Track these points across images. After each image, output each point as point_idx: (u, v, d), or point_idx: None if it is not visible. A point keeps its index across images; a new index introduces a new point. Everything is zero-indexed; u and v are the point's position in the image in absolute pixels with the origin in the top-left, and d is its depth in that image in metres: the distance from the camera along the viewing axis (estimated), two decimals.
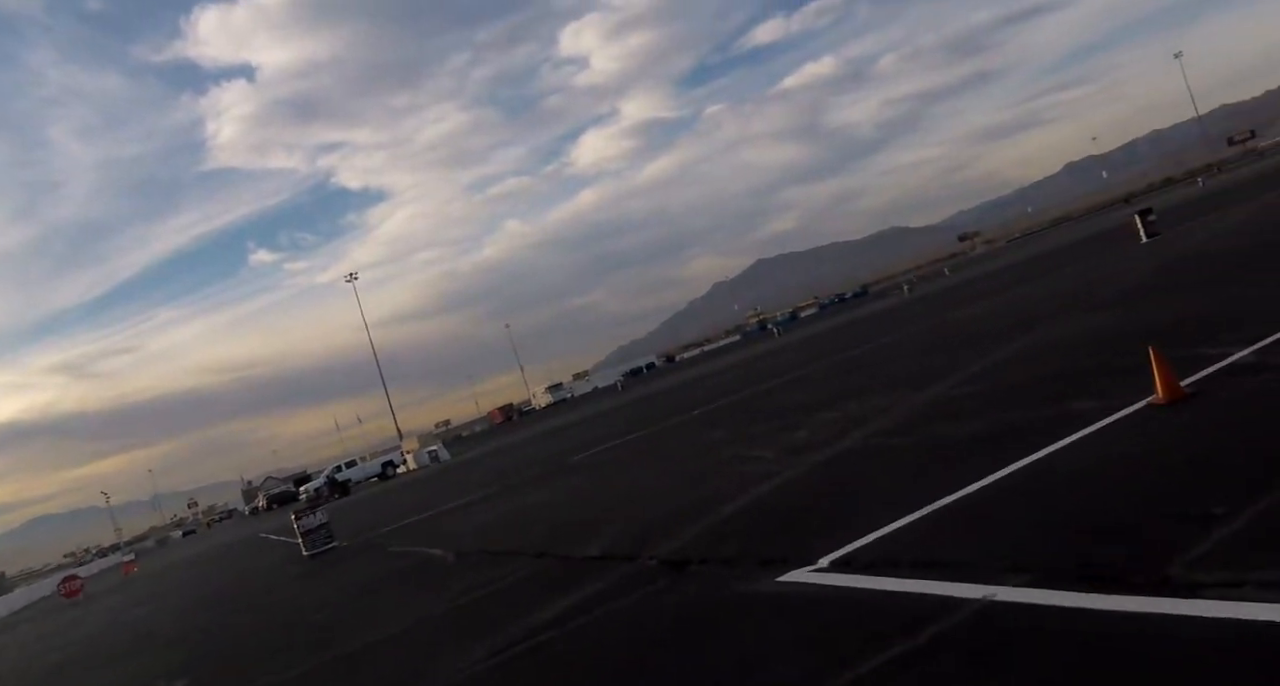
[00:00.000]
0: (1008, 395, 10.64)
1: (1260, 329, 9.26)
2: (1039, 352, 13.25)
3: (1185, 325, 11.39)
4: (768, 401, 20.28)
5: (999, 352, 14.45)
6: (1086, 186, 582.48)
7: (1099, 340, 12.45)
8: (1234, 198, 39.96)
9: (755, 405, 20.53)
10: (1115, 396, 8.38)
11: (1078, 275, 26.80)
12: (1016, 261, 58.50)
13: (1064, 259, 38.98)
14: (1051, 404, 9.11)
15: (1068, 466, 6.77)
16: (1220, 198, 45.12)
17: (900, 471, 8.46)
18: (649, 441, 20.55)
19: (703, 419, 21.64)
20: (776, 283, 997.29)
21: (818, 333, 56.45)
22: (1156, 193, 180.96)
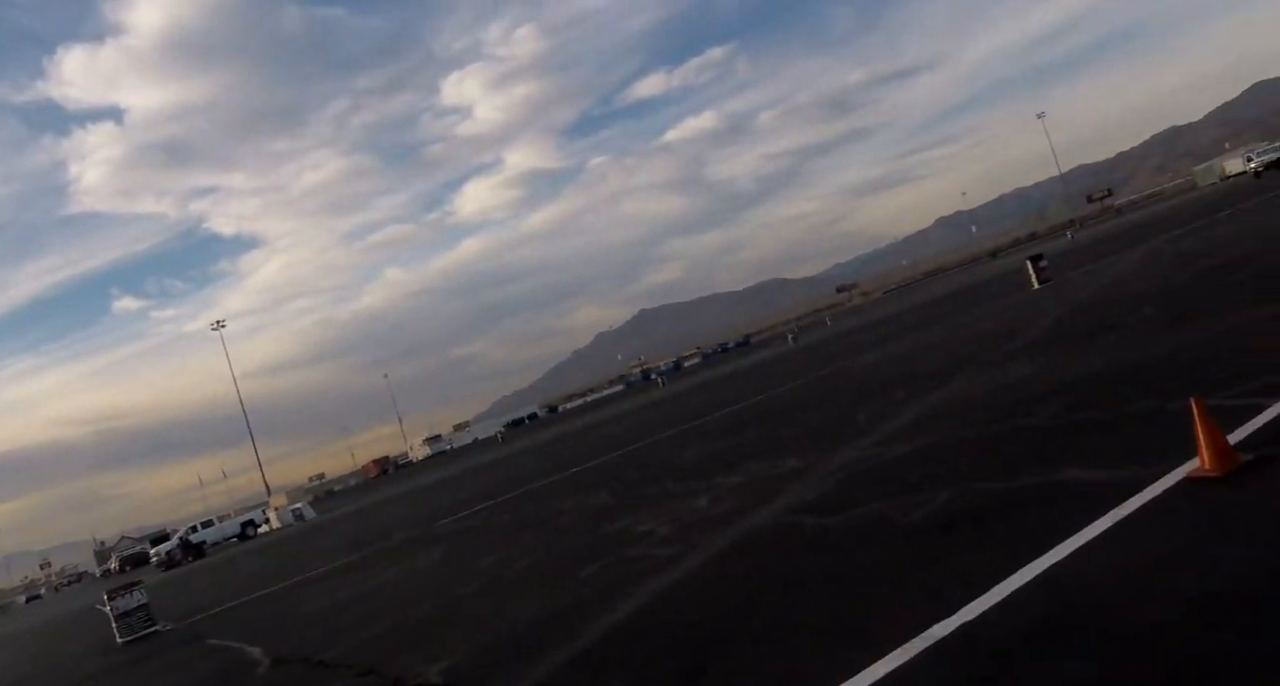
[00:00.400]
0: (962, 456, 8.65)
1: (1268, 376, 7.55)
2: (980, 401, 11.43)
3: (1152, 371, 9.73)
4: (658, 458, 18.10)
5: (925, 401, 12.65)
6: (957, 240, 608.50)
7: (1051, 389, 10.68)
8: (1109, 248, 40.23)
9: (644, 462, 18.32)
10: (1122, 460, 6.41)
11: (987, 317, 25.71)
12: (908, 307, 58.43)
13: (962, 303, 38.36)
14: (1031, 469, 7.11)
15: (1099, 586, 4.47)
16: (1092, 249, 45.63)
17: (841, 573, 6.28)
18: (525, 504, 18.08)
19: (585, 478, 19.33)
20: (660, 332, 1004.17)
21: (703, 381, 54.90)
22: (1023, 246, 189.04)
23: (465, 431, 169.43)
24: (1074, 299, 21.28)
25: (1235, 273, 15.37)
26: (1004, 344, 16.54)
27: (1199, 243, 25.71)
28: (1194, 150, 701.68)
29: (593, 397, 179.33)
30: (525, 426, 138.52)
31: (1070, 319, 17.50)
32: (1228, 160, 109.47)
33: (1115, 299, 18.34)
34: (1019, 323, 20.20)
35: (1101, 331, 13.96)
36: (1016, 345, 15.77)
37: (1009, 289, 34.36)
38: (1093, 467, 6.56)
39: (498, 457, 50.09)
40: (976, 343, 18.89)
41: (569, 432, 49.83)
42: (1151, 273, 21.47)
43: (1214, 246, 23.01)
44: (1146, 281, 19.71)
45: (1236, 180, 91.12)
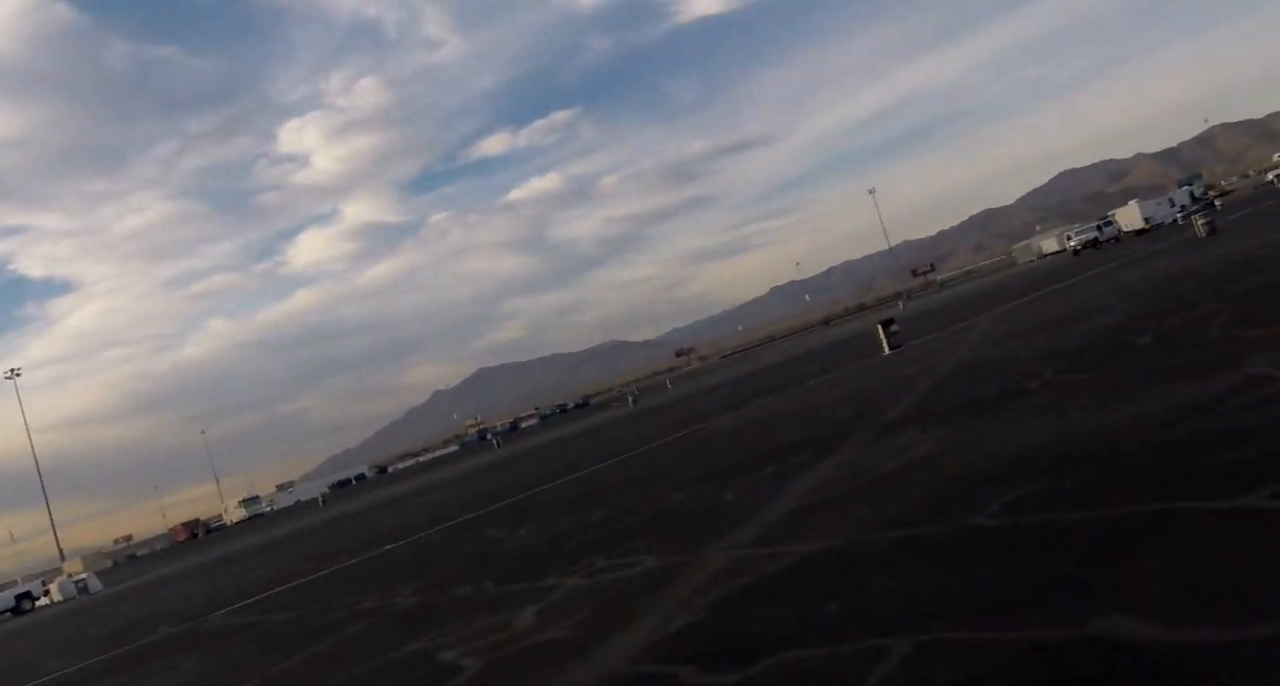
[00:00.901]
0: (885, 569, 6.35)
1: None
2: (889, 482, 9.26)
3: (1088, 448, 7.78)
4: (483, 539, 15.23)
5: (807, 481, 10.43)
6: (791, 308, 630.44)
7: (984, 471, 8.62)
8: (948, 318, 40.20)
9: (467, 544, 15.40)
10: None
11: (843, 382, 24.10)
12: (754, 370, 57.43)
13: (814, 368, 37.15)
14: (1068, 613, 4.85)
15: None
16: (928, 318, 45.83)
17: None
18: (319, 595, 14.78)
19: (396, 560, 16.25)
20: (498, 392, 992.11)
21: (542, 443, 52.01)
22: (854, 315, 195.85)
23: (289, 491, 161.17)
24: (933, 364, 19.87)
25: (1076, 339, 14.07)
26: (879, 411, 14.67)
27: (1036, 313, 25.17)
28: (1007, 231, 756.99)
29: (426, 458, 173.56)
30: (351, 488, 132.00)
31: (943, 385, 15.86)
32: (1043, 240, 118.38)
33: (979, 364, 16.93)
34: (884, 388, 18.54)
35: (1004, 399, 12.21)
36: (894, 414, 13.90)
37: (858, 354, 33.33)
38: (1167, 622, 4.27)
39: (314, 524, 45.51)
40: (845, 408, 17.01)
41: (394, 497, 45.84)
42: (1000, 341, 20.37)
43: (1048, 316, 22.30)
44: (1002, 349, 18.48)
45: (1053, 258, 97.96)
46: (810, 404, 20.53)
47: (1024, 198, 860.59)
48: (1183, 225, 62.25)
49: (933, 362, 20.49)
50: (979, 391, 13.43)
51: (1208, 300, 15.42)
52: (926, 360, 21.79)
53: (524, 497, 20.46)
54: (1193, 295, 17.26)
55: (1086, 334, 16.26)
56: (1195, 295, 17.09)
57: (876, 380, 21.26)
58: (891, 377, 20.36)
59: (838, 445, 12.46)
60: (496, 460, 50.94)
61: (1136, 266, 32.68)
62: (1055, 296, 30.78)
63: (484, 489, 28.78)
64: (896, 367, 22.65)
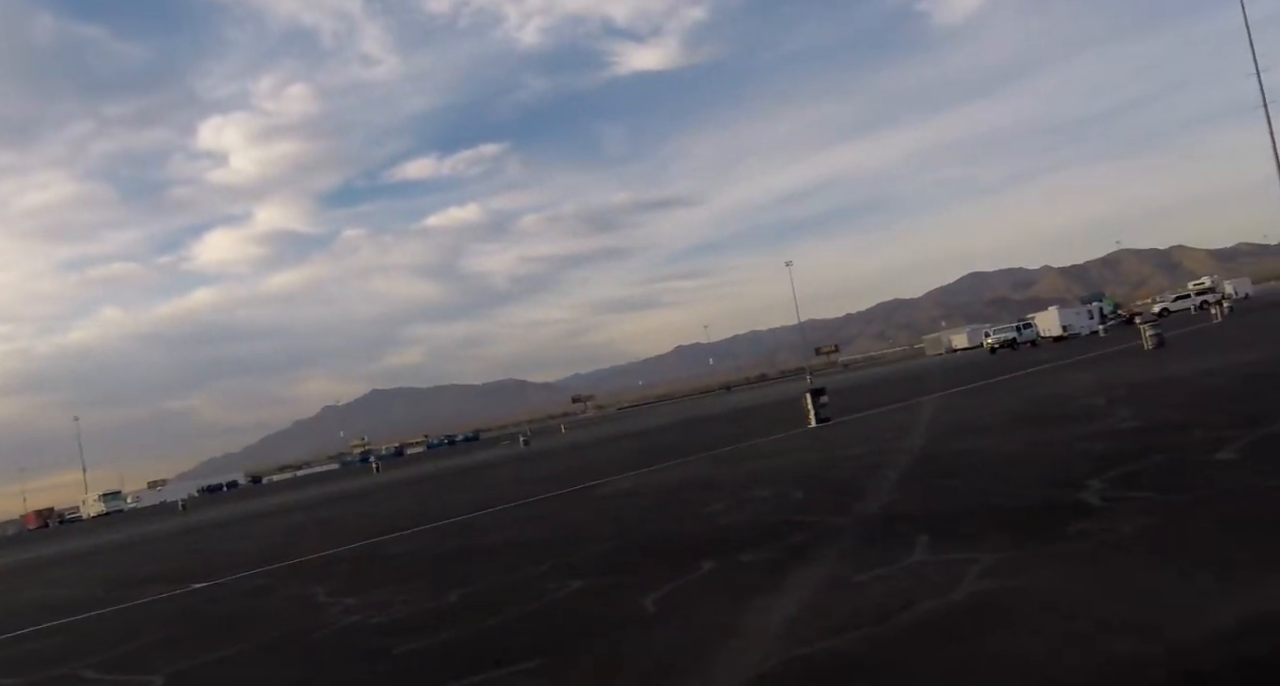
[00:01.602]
0: None
1: None
2: (868, 600, 5.92)
3: None
4: (317, 595, 11.39)
5: (785, 602, 7.05)
6: (693, 369, 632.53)
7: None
8: (872, 398, 37.81)
9: (295, 602, 11.54)
10: None
11: (771, 452, 20.90)
12: (659, 426, 54.14)
13: (722, 431, 34.05)
14: None
15: None
16: (850, 395, 43.41)
17: None
18: (115, 635, 10.71)
19: (220, 598, 12.30)
20: (390, 415, 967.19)
21: (421, 475, 47.60)
22: (754, 384, 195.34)
23: (158, 489, 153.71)
24: (885, 448, 16.85)
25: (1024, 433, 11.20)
26: (844, 499, 11.43)
27: (984, 405, 22.60)
28: (911, 323, 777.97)
29: (303, 473, 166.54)
30: (221, 494, 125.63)
31: (922, 477, 12.75)
32: (954, 335, 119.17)
33: (959, 456, 13.96)
34: (837, 468, 15.40)
35: (1052, 513, 9.11)
36: (871, 507, 10.67)
37: (780, 422, 30.38)
38: None
39: (155, 532, 40.29)
40: (792, 486, 13.73)
41: (251, 512, 40.97)
42: (959, 431, 17.54)
43: (1004, 411, 19.66)
44: (973, 441, 15.62)
45: (964, 353, 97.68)
46: (742, 475, 17.16)
47: (931, 293, 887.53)
48: (1102, 337, 62.35)
49: (883, 446, 17.47)
50: (998, 495, 10.27)
51: (1199, 421, 12.74)
52: (871, 441, 18.80)
53: (379, 542, 16.64)
54: (1183, 411, 14.65)
55: (1084, 438, 13.42)
56: (1185, 411, 14.48)
57: (818, 456, 18.13)
58: (839, 456, 17.22)
59: (806, 545, 9.12)
60: (370, 486, 46.39)
61: (1088, 370, 30.68)
62: (994, 391, 28.43)
63: (348, 520, 24.72)
64: (838, 444, 19.60)
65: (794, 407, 41.55)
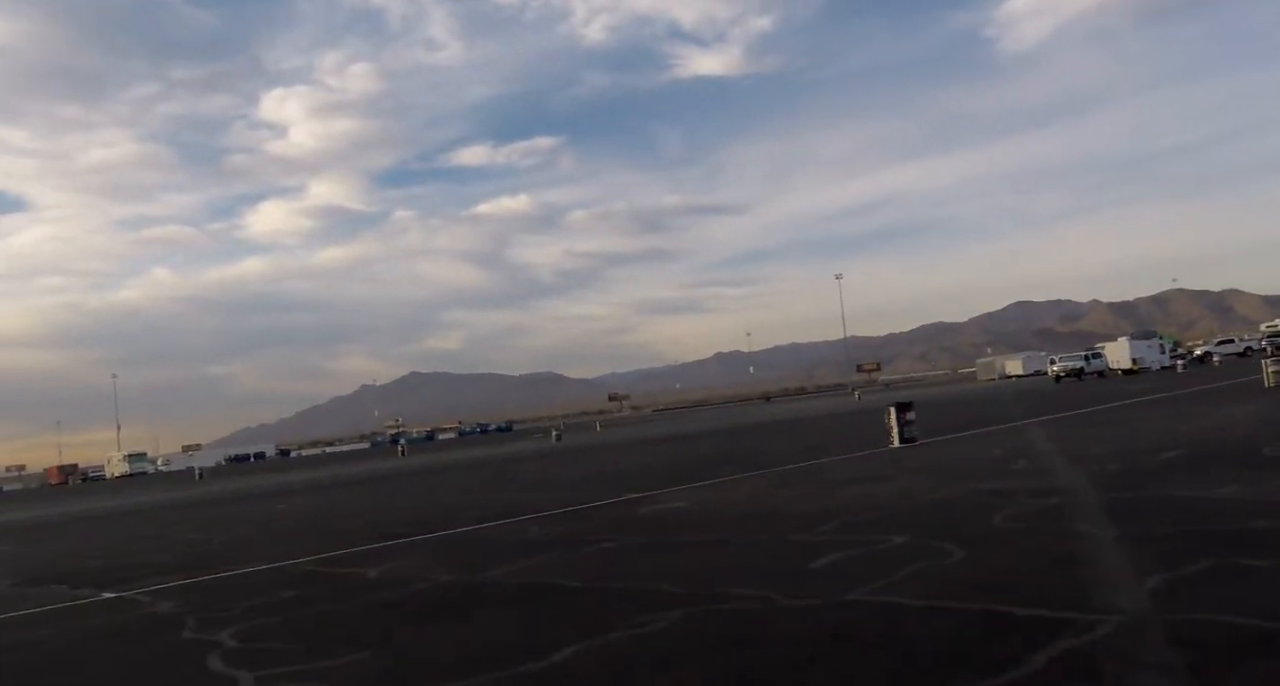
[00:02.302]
0: None
1: None
2: None
3: None
4: (297, 620, 7.65)
5: None
6: (732, 377, 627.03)
7: None
8: (947, 420, 33.62)
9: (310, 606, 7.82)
10: None
11: (853, 477, 16.90)
12: (695, 432, 50.20)
13: (782, 446, 30.13)
14: None
15: None
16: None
17: None
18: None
19: (175, 619, 8.62)
20: (427, 398, 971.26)
21: (446, 463, 44.10)
22: (793, 396, 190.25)
23: (190, 454, 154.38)
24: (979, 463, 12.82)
25: None
26: (1070, 565, 7.47)
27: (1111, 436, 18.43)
28: (954, 347, 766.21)
29: (333, 450, 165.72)
30: (248, 465, 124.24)
31: (1138, 535, 8.70)
32: (1008, 361, 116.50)
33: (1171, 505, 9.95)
34: (985, 507, 11.39)
35: None
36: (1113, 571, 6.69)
37: (854, 439, 26.33)
38: None
39: (151, 503, 37.28)
40: (937, 531, 9.77)
41: (251, 491, 37.78)
42: (1115, 470, 13.45)
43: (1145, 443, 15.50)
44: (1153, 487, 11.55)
45: (1019, 380, 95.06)
46: (836, 506, 13.13)
47: (977, 319, 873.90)
48: (1180, 372, 58.65)
49: (1028, 481, 13.41)
50: None
51: None
52: (1001, 473, 14.76)
53: (345, 556, 12.95)
54: None
55: None
56: None
57: (933, 486, 14.05)
58: (967, 490, 13.15)
59: None
60: (389, 470, 43.09)
61: (1214, 403, 26.25)
62: (1117, 421, 24.17)
63: (331, 516, 21.14)
64: (950, 472, 15.57)
65: (854, 422, 37.62)
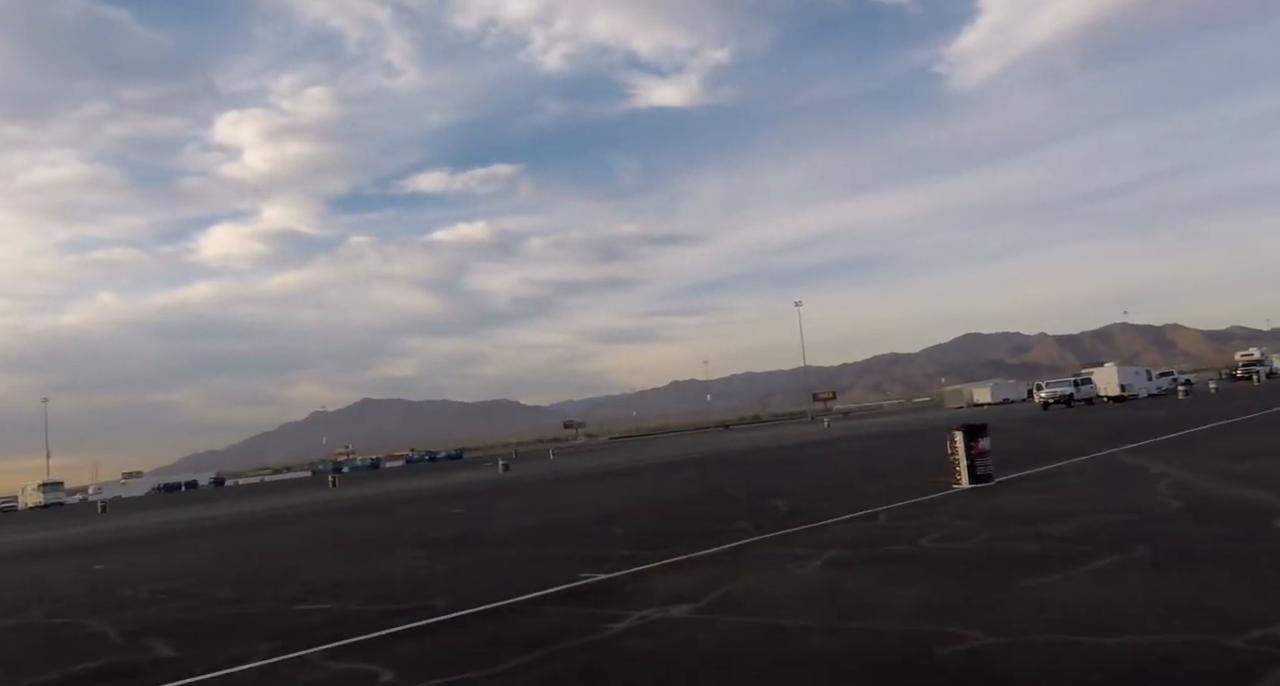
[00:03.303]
0: None
1: None
2: None
3: None
4: None
5: None
6: (688, 405, 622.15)
7: None
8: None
9: None
10: None
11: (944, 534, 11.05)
12: (658, 462, 44.15)
13: (780, 480, 24.28)
14: None
15: None
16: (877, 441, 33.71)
17: None
18: None
19: None
20: (380, 425, 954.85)
21: (375, 496, 37.55)
22: (750, 424, 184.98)
23: (123, 483, 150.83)
24: None
25: None
26: None
27: None
28: (906, 377, 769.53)
29: (272, 478, 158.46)
30: (179, 494, 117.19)
31: None
32: (977, 389, 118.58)
33: None
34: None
35: None
36: None
37: (881, 478, 20.51)
38: None
39: (41, 540, 30.35)
40: None
41: (141, 535, 31.05)
42: None
43: None
44: None
45: (990, 408, 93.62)
46: (1021, 624, 7.27)
47: (928, 350, 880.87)
48: (1182, 399, 55.54)
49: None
50: None
51: None
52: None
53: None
54: None
55: None
56: None
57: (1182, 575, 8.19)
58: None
59: None
60: (300, 509, 36.53)
61: None
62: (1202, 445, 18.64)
63: (103, 609, 14.80)
64: (1114, 538, 9.75)
65: (846, 450, 31.81)
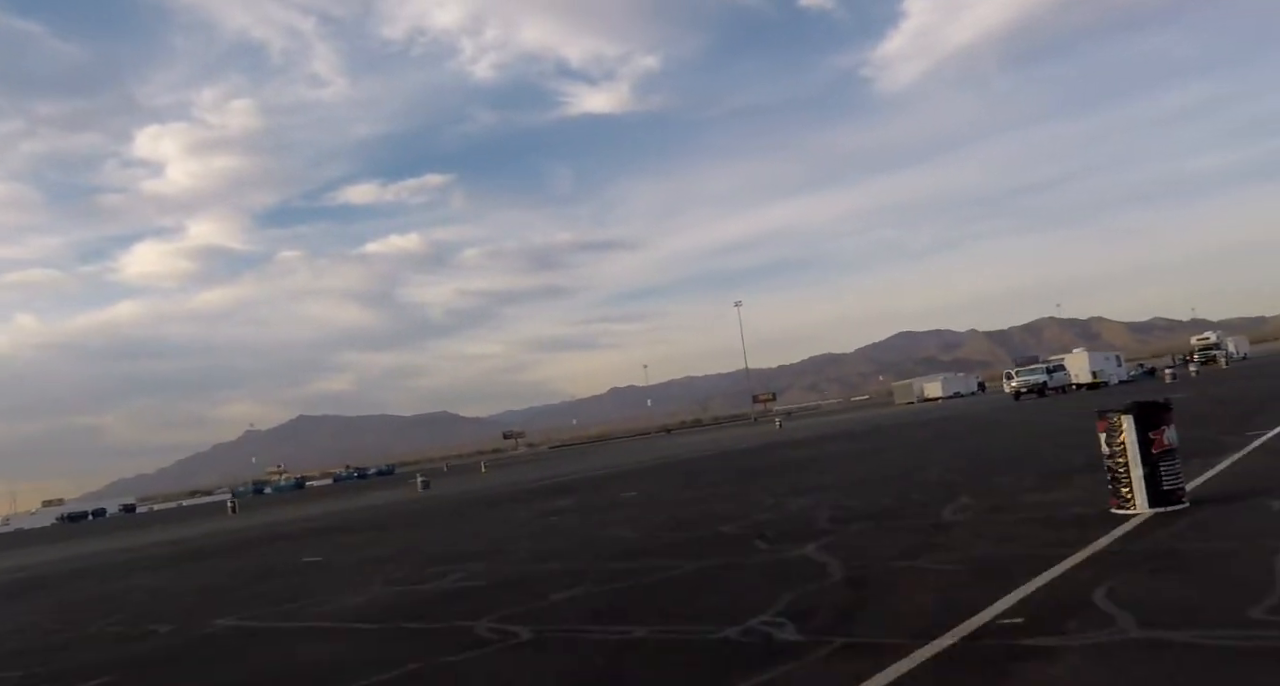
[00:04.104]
0: None
1: None
2: None
3: None
4: None
5: None
6: (627, 412, 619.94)
7: None
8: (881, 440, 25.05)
9: None
10: None
11: None
12: (604, 474, 40.67)
13: (781, 502, 20.99)
14: None
15: None
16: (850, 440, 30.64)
17: None
18: None
19: None
20: (316, 442, 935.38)
21: (258, 529, 33.36)
22: (690, 429, 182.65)
23: (32, 513, 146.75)
24: None
25: None
26: None
27: None
28: (842, 377, 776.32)
29: (190, 503, 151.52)
30: (84, 523, 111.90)
31: None
32: (928, 383, 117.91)
33: None
34: None
35: None
36: None
37: (924, 492, 17.32)
38: None
39: None
40: None
41: (44, 572, 26.55)
42: None
43: None
44: None
45: (946, 402, 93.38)
46: None
47: (863, 349, 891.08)
48: (1169, 383, 53.05)
49: None
50: None
51: None
52: None
53: None
54: None
55: None
56: None
57: None
58: None
59: None
60: (176, 547, 32.24)
61: None
62: None
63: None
64: None
65: (834, 452, 28.15)
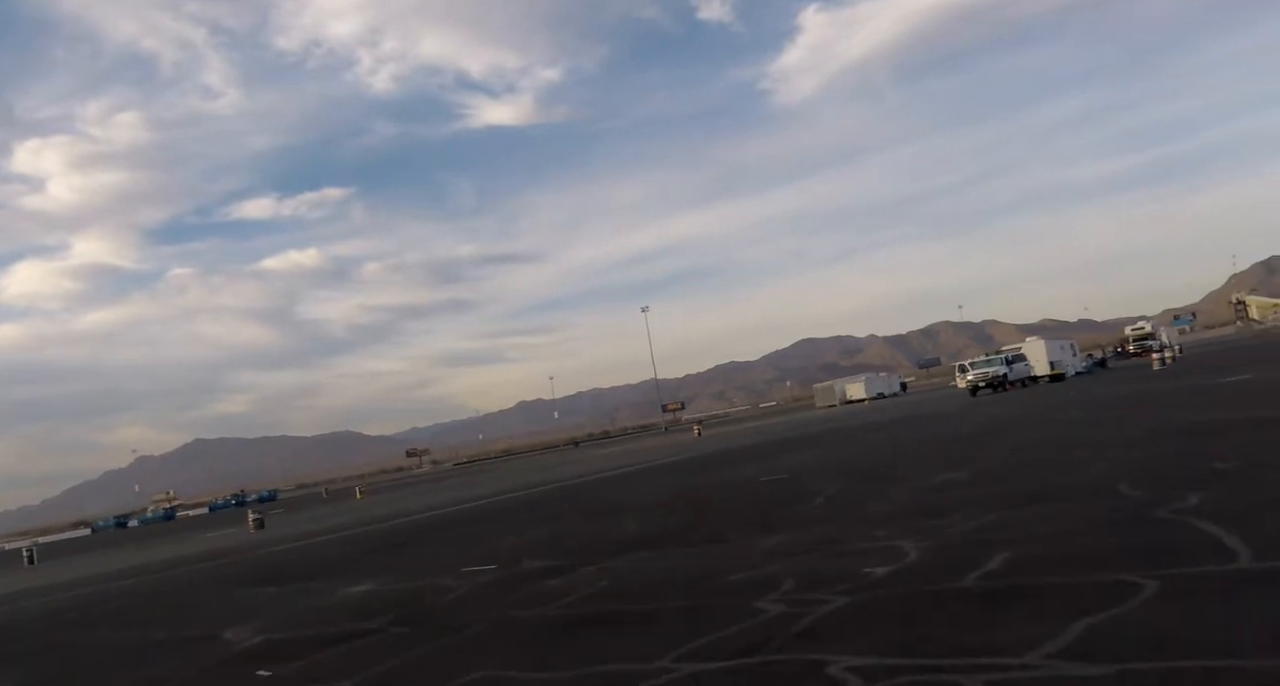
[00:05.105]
0: None
1: None
2: None
3: None
4: None
5: None
6: (535, 425, 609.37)
7: None
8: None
9: None
10: None
11: None
12: (517, 496, 33.55)
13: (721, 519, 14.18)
14: None
15: None
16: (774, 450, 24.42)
17: None
18: None
19: None
20: (212, 467, 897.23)
21: (70, 586, 25.30)
22: (598, 440, 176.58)
23: None
24: None
25: None
26: None
27: None
28: (748, 385, 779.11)
29: (46, 539, 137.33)
30: None
31: None
32: (850, 385, 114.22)
33: None
34: None
35: None
36: None
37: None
38: None
39: None
40: None
41: None
42: None
43: None
44: None
45: (871, 404, 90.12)
46: None
47: (768, 356, 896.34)
48: (1159, 369, 49.86)
49: None
50: None
51: None
52: None
53: None
54: None
55: None
56: None
57: None
58: None
59: None
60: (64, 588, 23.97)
61: None
62: None
63: None
64: None
65: (789, 465, 22.04)
